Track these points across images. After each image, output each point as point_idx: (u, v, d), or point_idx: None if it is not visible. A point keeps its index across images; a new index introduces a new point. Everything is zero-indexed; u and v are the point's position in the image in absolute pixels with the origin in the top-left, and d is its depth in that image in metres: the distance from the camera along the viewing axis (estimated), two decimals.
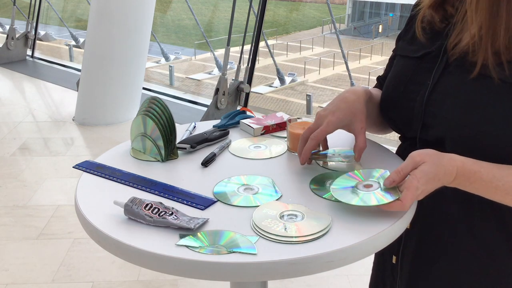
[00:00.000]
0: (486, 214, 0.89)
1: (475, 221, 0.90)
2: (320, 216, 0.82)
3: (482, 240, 0.91)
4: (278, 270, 0.74)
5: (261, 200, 0.88)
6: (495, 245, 0.90)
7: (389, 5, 29.87)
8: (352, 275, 2.36)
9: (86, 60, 4.60)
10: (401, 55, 1.02)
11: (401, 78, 0.98)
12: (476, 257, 0.92)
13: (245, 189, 0.93)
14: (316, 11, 34.23)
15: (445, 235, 0.93)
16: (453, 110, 0.87)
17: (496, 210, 0.88)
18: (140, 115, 1.08)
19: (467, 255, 0.92)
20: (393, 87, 0.99)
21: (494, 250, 0.91)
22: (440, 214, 0.92)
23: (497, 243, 0.90)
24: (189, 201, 0.86)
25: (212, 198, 0.88)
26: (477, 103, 0.85)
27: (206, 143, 1.13)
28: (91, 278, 2.38)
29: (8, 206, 3.06)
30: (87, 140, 4.25)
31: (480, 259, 0.92)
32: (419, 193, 0.80)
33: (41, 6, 7.17)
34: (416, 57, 0.96)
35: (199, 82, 20.20)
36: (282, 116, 1.25)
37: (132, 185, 0.94)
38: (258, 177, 0.97)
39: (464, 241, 0.92)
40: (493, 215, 0.89)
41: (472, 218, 0.90)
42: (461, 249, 0.92)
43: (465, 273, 0.93)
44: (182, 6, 28.10)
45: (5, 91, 5.65)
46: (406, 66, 0.98)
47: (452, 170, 0.82)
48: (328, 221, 0.80)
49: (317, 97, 17.81)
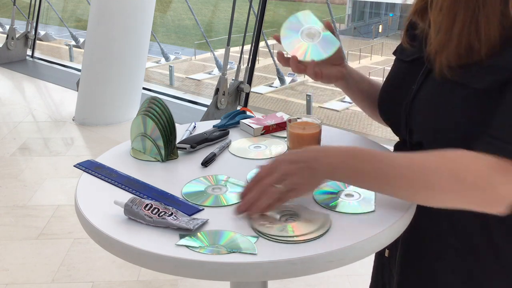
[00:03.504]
0: (468, 213, 0.89)
1: (458, 219, 0.91)
2: (320, 216, 0.82)
3: (465, 238, 0.91)
4: (278, 270, 0.74)
5: (230, 199, 0.89)
6: (478, 243, 0.91)
7: (389, 5, 29.87)
8: (352, 275, 2.36)
9: (86, 60, 4.59)
10: (397, 58, 1.03)
11: (393, 82, 1.00)
12: (459, 255, 0.92)
13: (213, 188, 0.94)
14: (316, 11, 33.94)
15: (430, 233, 0.93)
16: (427, 116, 0.87)
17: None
18: (140, 115, 1.08)
19: (451, 253, 0.93)
20: (384, 90, 1.02)
21: (477, 249, 0.91)
22: (424, 211, 0.92)
23: (480, 241, 0.90)
24: (175, 207, 0.85)
25: (197, 206, 0.87)
26: (447, 108, 0.85)
27: (206, 143, 1.13)
28: (91, 278, 2.38)
29: (8, 206, 3.05)
30: (87, 140, 4.25)
31: (463, 258, 0.92)
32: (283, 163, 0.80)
33: (41, 6, 7.16)
34: (407, 61, 0.97)
35: (199, 82, 20.20)
36: (282, 116, 1.25)
37: (123, 187, 0.94)
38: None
39: (448, 239, 0.92)
40: (475, 213, 0.89)
41: (455, 216, 0.90)
42: (446, 247, 0.93)
43: (450, 270, 0.93)
44: (182, 6, 28.09)
45: (5, 91, 5.65)
46: (398, 70, 1.01)
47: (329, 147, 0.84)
48: (328, 221, 0.81)
49: (317, 97, 17.82)
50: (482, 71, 0.81)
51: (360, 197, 0.88)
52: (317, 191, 0.91)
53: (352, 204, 0.86)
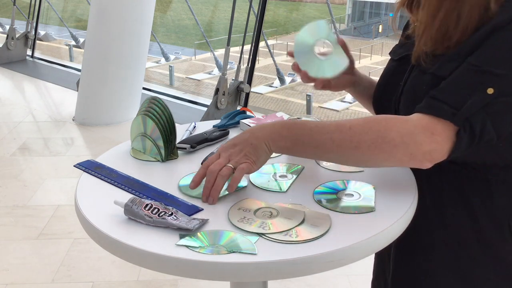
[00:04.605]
0: (456, 204, 0.91)
1: (446, 211, 0.92)
2: (320, 216, 0.82)
3: (453, 230, 0.93)
4: (278, 270, 0.73)
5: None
6: (465, 235, 0.92)
7: (389, 5, 29.85)
8: (352, 275, 2.36)
9: (86, 60, 4.59)
10: (390, 58, 1.06)
11: (383, 80, 1.03)
12: (448, 247, 0.94)
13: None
14: (316, 11, 34.21)
15: (420, 225, 0.94)
16: (409, 107, 0.89)
17: (465, 200, 0.90)
18: (140, 115, 1.08)
19: (440, 245, 0.94)
20: (377, 88, 1.05)
21: (464, 241, 0.92)
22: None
23: (467, 233, 0.92)
24: (175, 207, 0.85)
25: (197, 206, 0.87)
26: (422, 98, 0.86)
27: (206, 143, 1.13)
28: (91, 278, 2.38)
29: (8, 206, 3.05)
30: (87, 140, 4.25)
31: (452, 250, 0.93)
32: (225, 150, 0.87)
33: (41, 6, 7.16)
34: (396, 59, 1.01)
35: (199, 82, 20.19)
36: (282, 116, 1.25)
37: (123, 187, 0.94)
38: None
39: (437, 231, 0.94)
40: (462, 205, 0.91)
41: (443, 208, 0.93)
42: (434, 240, 0.95)
43: (439, 263, 0.95)
44: (182, 6, 28.08)
45: (5, 91, 5.65)
46: (389, 68, 1.04)
47: (266, 124, 0.88)
48: (328, 221, 0.81)
49: (317, 97, 17.81)
50: (446, 59, 0.85)
51: (360, 197, 0.88)
52: (317, 190, 0.91)
53: (352, 204, 0.87)
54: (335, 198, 0.88)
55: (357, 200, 0.88)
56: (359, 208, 0.85)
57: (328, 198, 0.89)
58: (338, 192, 0.90)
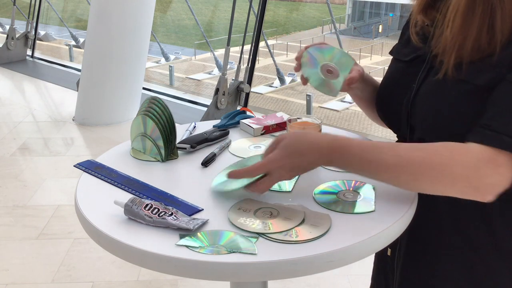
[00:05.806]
0: (470, 210, 0.90)
1: (460, 217, 0.91)
2: (320, 216, 0.82)
3: (467, 236, 0.91)
4: (278, 270, 0.74)
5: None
6: (479, 241, 0.91)
7: (389, 5, 29.85)
8: (352, 275, 2.36)
9: (86, 60, 4.59)
10: (394, 58, 1.04)
11: (391, 81, 1.01)
12: (461, 253, 0.92)
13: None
14: (316, 11, 34.22)
15: (432, 230, 0.94)
16: (429, 113, 0.88)
17: (480, 206, 0.88)
18: (140, 115, 1.08)
19: (453, 251, 0.93)
20: (383, 89, 1.02)
21: (478, 247, 0.91)
22: (427, 209, 0.92)
23: (482, 239, 0.91)
24: (175, 207, 0.85)
25: (197, 206, 0.87)
26: (448, 105, 0.86)
27: (206, 143, 1.13)
28: (91, 278, 2.38)
29: (8, 206, 3.05)
30: (87, 140, 4.25)
31: (465, 255, 0.92)
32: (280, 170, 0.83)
33: (41, 6, 7.16)
34: (406, 60, 0.98)
35: (199, 82, 20.19)
36: (282, 116, 1.25)
37: (123, 187, 0.94)
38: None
39: (450, 236, 0.93)
40: (477, 211, 0.89)
41: (456, 213, 0.91)
42: (447, 245, 0.93)
43: (452, 269, 0.93)
44: (182, 6, 28.10)
45: (5, 91, 5.65)
46: (396, 69, 1.01)
47: (321, 145, 0.84)
48: (328, 221, 0.81)
49: (317, 97, 17.81)
50: (483, 67, 0.82)
51: (360, 197, 0.88)
52: (317, 190, 0.91)
53: (352, 204, 0.86)
54: (335, 198, 0.89)
55: (357, 200, 0.88)
56: (359, 208, 0.85)
57: (328, 198, 0.89)
58: (338, 192, 0.90)
